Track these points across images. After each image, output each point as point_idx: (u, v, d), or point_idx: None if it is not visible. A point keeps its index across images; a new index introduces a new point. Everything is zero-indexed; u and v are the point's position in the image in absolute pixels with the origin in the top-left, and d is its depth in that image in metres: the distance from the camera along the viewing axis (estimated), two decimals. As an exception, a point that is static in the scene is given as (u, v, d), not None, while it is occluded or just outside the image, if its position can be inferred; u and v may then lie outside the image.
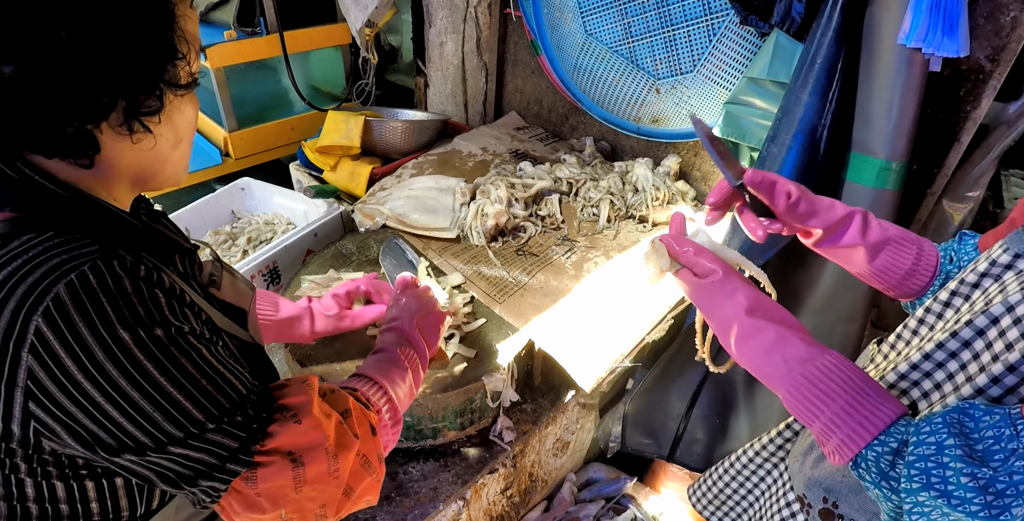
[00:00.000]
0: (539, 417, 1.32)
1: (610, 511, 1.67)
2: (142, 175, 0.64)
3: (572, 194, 1.64)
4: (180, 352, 0.56)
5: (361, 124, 1.78)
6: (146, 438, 0.54)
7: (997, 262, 0.73)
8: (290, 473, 0.60)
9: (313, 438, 0.62)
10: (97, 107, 0.54)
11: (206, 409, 0.57)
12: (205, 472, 0.57)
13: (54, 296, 0.51)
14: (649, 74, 1.57)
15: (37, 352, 0.51)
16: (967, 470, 0.52)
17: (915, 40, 1.09)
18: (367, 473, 0.67)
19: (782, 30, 1.25)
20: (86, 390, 0.52)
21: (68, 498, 0.60)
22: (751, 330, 0.68)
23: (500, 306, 1.31)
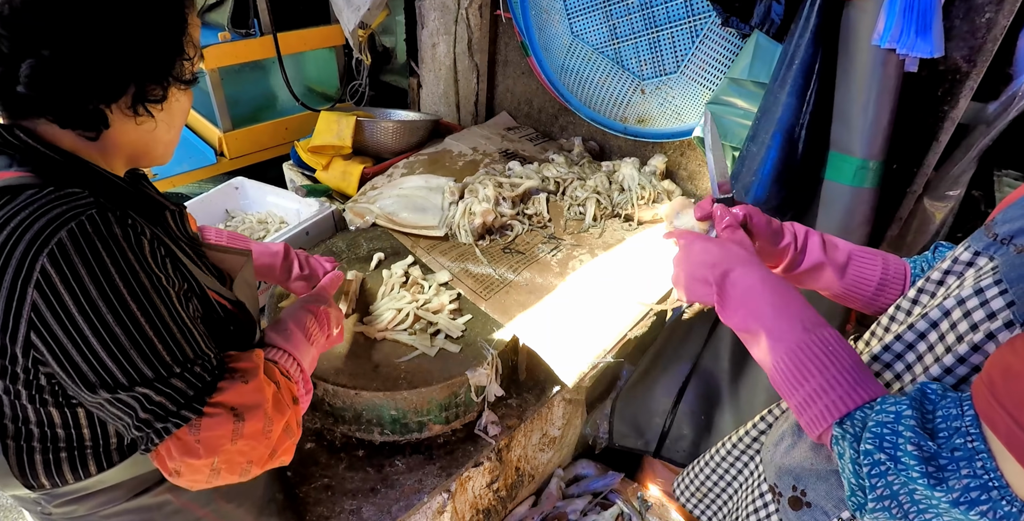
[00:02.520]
0: (524, 412, 1.33)
1: (597, 506, 1.69)
2: (137, 152, 0.74)
3: (559, 193, 1.66)
4: (159, 300, 0.64)
5: (352, 124, 1.80)
6: (121, 375, 0.61)
7: (959, 260, 0.76)
8: (231, 426, 0.66)
9: (256, 399, 0.69)
10: (113, 90, 0.65)
11: (174, 354, 0.64)
12: (162, 415, 0.64)
13: (58, 240, 0.58)
14: (634, 75, 1.59)
15: (41, 289, 0.58)
16: (915, 440, 0.56)
17: (889, 41, 1.11)
18: (288, 437, 0.74)
19: (762, 31, 1.27)
20: (79, 325, 0.59)
21: (63, 423, 0.68)
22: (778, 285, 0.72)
23: (486, 303, 1.33)
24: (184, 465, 0.65)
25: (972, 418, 0.56)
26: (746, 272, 0.75)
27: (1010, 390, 0.53)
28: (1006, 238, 0.70)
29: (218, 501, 0.87)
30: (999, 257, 0.69)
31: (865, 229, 1.30)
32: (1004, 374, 0.55)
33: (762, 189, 1.28)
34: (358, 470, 1.21)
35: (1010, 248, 0.69)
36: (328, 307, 0.97)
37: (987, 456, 0.53)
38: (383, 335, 1.24)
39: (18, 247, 0.59)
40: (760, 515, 0.95)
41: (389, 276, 1.40)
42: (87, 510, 0.77)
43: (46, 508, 0.77)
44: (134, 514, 0.79)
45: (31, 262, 0.58)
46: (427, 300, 1.32)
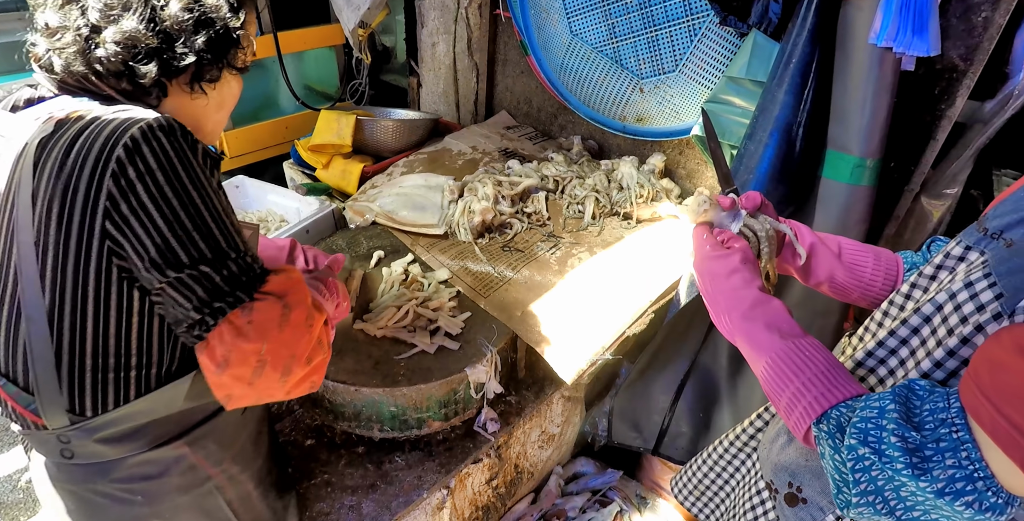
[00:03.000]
0: (523, 409, 1.34)
1: (596, 504, 1.70)
2: (190, 124, 0.80)
3: (559, 192, 1.67)
4: (215, 195, 0.73)
5: (352, 123, 1.81)
6: (184, 255, 0.69)
7: (951, 254, 0.77)
8: (279, 311, 0.73)
9: (301, 291, 0.77)
10: (176, 68, 0.77)
11: (230, 241, 0.73)
12: (220, 293, 0.71)
13: (131, 135, 0.67)
14: (633, 74, 1.60)
15: (116, 177, 0.67)
16: (899, 432, 0.57)
17: (885, 40, 1.12)
18: (321, 351, 0.80)
19: (760, 30, 1.28)
20: (148, 209, 0.68)
21: (116, 333, 0.74)
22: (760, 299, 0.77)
23: (485, 300, 1.34)
24: (235, 351, 0.70)
25: (958, 409, 0.56)
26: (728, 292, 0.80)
27: (995, 382, 0.53)
28: (996, 232, 0.71)
29: (227, 462, 0.90)
30: (989, 251, 0.70)
31: (862, 227, 1.31)
32: (990, 366, 0.55)
33: (759, 187, 1.29)
34: (358, 466, 1.21)
35: (1000, 242, 0.69)
36: (335, 280, 1.04)
37: (972, 446, 0.54)
38: (383, 332, 1.25)
39: (98, 141, 0.68)
40: (757, 512, 0.96)
41: (389, 274, 1.40)
42: (114, 454, 0.80)
43: (75, 447, 0.78)
44: (151, 466, 0.83)
45: (108, 153, 0.67)
46: (427, 298, 1.33)
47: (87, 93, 0.77)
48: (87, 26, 0.73)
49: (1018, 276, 0.62)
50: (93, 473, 0.82)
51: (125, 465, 0.81)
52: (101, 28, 0.73)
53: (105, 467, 0.81)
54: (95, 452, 0.79)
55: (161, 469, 0.83)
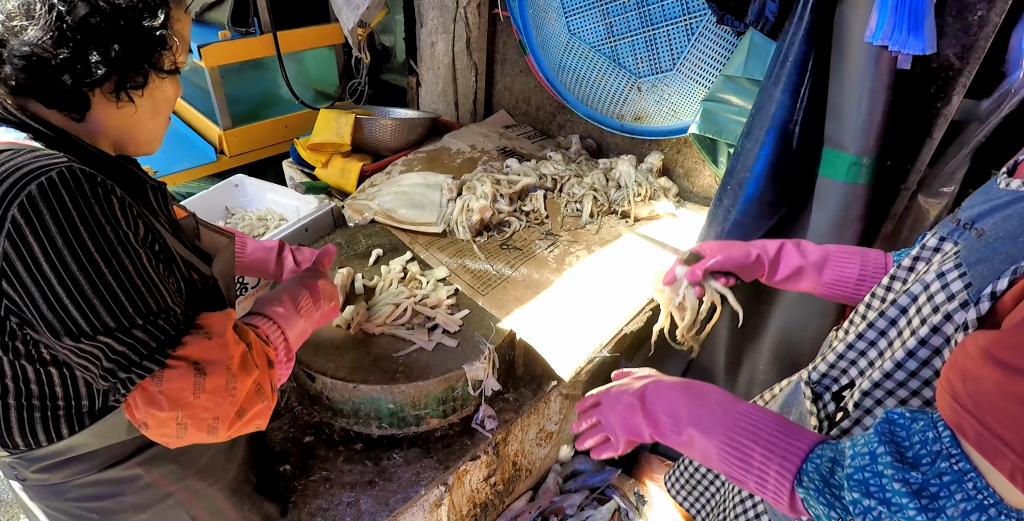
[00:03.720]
0: (521, 406, 1.35)
1: (594, 501, 1.70)
2: (122, 136, 0.78)
3: (557, 190, 1.67)
4: (124, 253, 0.66)
5: (352, 122, 1.81)
6: (84, 323, 0.64)
7: (927, 246, 0.78)
8: (192, 379, 0.68)
9: (218, 355, 0.70)
10: (96, 76, 0.70)
11: (136, 306, 0.66)
12: (125, 365, 0.66)
13: (27, 193, 0.61)
14: (631, 72, 1.61)
15: (12, 238, 0.61)
16: (899, 476, 0.54)
17: (881, 38, 1.12)
18: (260, 399, 0.75)
19: (756, 29, 1.28)
20: (46, 273, 0.62)
21: (36, 380, 0.71)
22: (687, 384, 0.78)
23: (483, 298, 1.34)
24: (150, 416, 0.67)
25: (949, 438, 0.55)
26: (656, 386, 0.79)
27: (970, 393, 0.53)
28: (968, 223, 0.72)
29: (190, 478, 0.88)
30: (962, 241, 0.71)
31: (859, 225, 1.31)
32: (962, 378, 0.55)
33: (755, 185, 1.29)
34: (356, 463, 1.22)
35: (972, 232, 0.70)
36: (324, 281, 0.99)
37: (975, 474, 0.52)
38: (381, 330, 1.25)
39: None
40: (746, 505, 0.96)
41: (387, 272, 1.41)
42: (60, 478, 0.79)
43: (21, 473, 0.79)
44: (105, 486, 0.81)
45: (3, 212, 0.61)
46: (425, 295, 1.34)
47: (5, 122, 0.71)
48: None
49: (984, 265, 0.63)
50: (49, 492, 0.82)
51: (75, 486, 0.81)
52: (5, 42, 0.66)
53: (58, 488, 0.81)
54: (44, 478, 0.79)
55: (114, 489, 0.82)
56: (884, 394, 0.71)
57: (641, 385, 0.80)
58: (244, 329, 0.78)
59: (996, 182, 0.73)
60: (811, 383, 0.85)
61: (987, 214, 0.70)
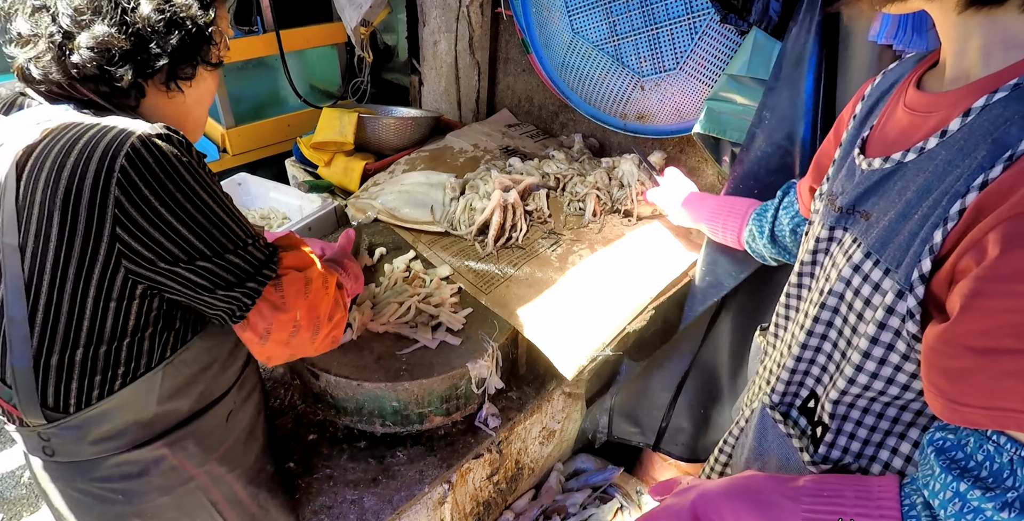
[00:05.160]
0: (524, 405, 1.35)
1: (596, 500, 1.70)
2: (171, 123, 0.83)
3: (559, 189, 1.67)
4: (220, 191, 0.77)
5: (354, 121, 1.82)
6: (207, 248, 0.74)
7: (820, 238, 0.78)
8: (302, 282, 0.84)
9: (309, 260, 0.88)
10: (154, 68, 0.79)
11: (245, 230, 0.79)
12: (246, 277, 0.78)
13: (131, 144, 0.69)
14: (634, 71, 1.61)
15: (122, 185, 0.68)
16: (998, 504, 0.52)
17: (885, 37, 1.12)
18: (340, 310, 0.93)
19: (760, 28, 1.28)
20: (160, 212, 0.71)
21: (111, 333, 0.76)
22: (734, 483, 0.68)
23: (486, 297, 1.34)
24: (275, 322, 0.81)
25: (1009, 442, 0.53)
26: (704, 497, 0.69)
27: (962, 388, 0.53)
28: (849, 208, 0.72)
29: (211, 463, 0.90)
30: (852, 228, 0.70)
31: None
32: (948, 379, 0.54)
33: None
34: (360, 461, 1.22)
35: (857, 216, 0.70)
36: (350, 261, 1.14)
37: None
38: (385, 328, 1.26)
39: (95, 153, 0.68)
40: None
41: (391, 270, 1.41)
42: (90, 454, 0.81)
43: (53, 445, 0.80)
44: (131, 466, 0.84)
45: (110, 164, 0.68)
46: (428, 294, 1.34)
47: (70, 100, 0.78)
48: (60, 33, 0.73)
49: (892, 246, 0.62)
50: (75, 471, 0.83)
51: (104, 465, 0.82)
52: (74, 34, 0.73)
53: (85, 466, 0.82)
54: (74, 451, 0.81)
55: (141, 469, 0.84)
56: (854, 398, 0.71)
57: (691, 502, 0.70)
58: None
59: (856, 164, 0.73)
60: (774, 406, 0.84)
61: (864, 197, 0.70)
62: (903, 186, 0.64)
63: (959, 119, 0.59)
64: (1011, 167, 0.52)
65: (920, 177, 0.62)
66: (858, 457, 0.74)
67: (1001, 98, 0.56)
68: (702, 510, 0.68)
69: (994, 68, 0.58)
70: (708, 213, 1.28)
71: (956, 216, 0.55)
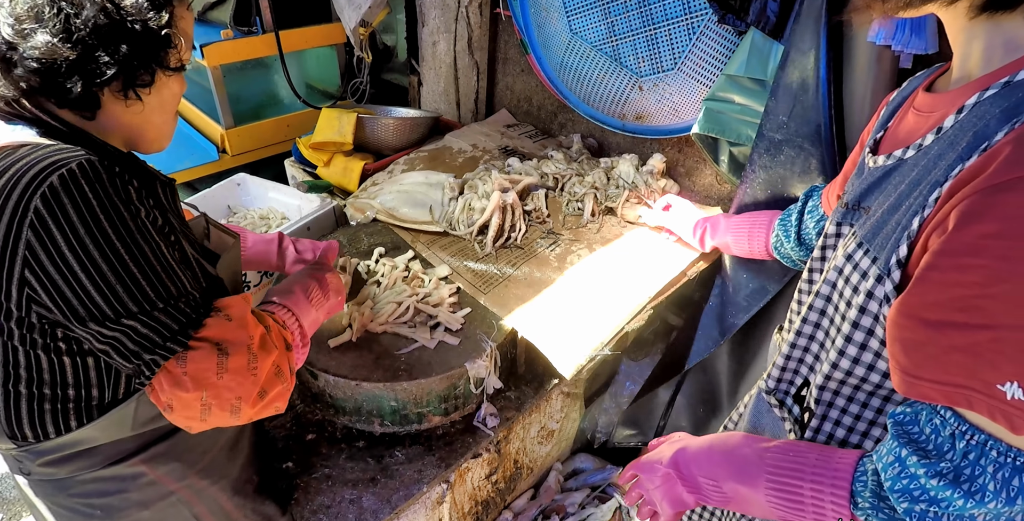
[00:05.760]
0: (523, 404, 1.35)
1: (595, 500, 1.71)
2: (132, 133, 0.81)
3: (558, 189, 1.67)
4: (143, 240, 0.69)
5: (353, 121, 1.82)
6: (108, 308, 0.66)
7: (829, 234, 0.81)
8: (215, 360, 0.71)
9: (239, 336, 0.74)
10: (105, 76, 0.71)
11: (157, 290, 0.69)
12: (149, 347, 0.69)
13: (50, 184, 0.63)
14: (632, 72, 1.61)
15: (35, 227, 0.63)
16: (931, 471, 0.55)
17: (884, 37, 1.13)
18: (279, 381, 0.78)
19: (758, 28, 1.28)
20: (68, 261, 0.65)
21: (49, 370, 0.72)
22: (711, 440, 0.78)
23: (485, 296, 1.35)
24: (175, 398, 0.70)
25: (953, 416, 0.55)
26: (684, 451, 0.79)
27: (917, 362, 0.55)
28: (854, 204, 0.75)
29: (192, 477, 0.88)
30: (855, 223, 0.73)
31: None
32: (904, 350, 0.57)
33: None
34: (358, 461, 1.22)
35: (861, 212, 0.73)
36: (331, 275, 1.04)
37: (993, 440, 0.52)
38: (383, 328, 1.26)
39: (15, 190, 0.64)
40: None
41: (390, 270, 1.41)
42: (65, 473, 0.80)
43: (27, 466, 0.80)
44: (108, 483, 0.82)
45: (26, 203, 0.63)
46: (427, 294, 1.34)
47: (21, 119, 0.73)
48: (2, 44, 0.68)
49: (880, 236, 0.65)
50: (53, 488, 0.83)
51: (79, 481, 0.81)
52: (16, 45, 0.67)
53: (62, 483, 0.82)
54: (47, 471, 0.80)
55: (118, 486, 0.83)
56: (838, 384, 0.73)
57: (671, 454, 0.80)
58: (261, 313, 0.81)
59: (866, 162, 0.76)
60: (770, 391, 0.86)
61: (867, 193, 0.73)
62: (899, 180, 0.67)
63: (953, 116, 0.62)
64: (983, 154, 0.54)
65: (914, 171, 0.64)
66: (842, 445, 0.75)
67: (991, 95, 0.59)
68: (682, 460, 0.78)
69: (993, 68, 0.60)
70: (732, 226, 1.31)
71: (933, 203, 0.58)
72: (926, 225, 0.58)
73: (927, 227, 0.58)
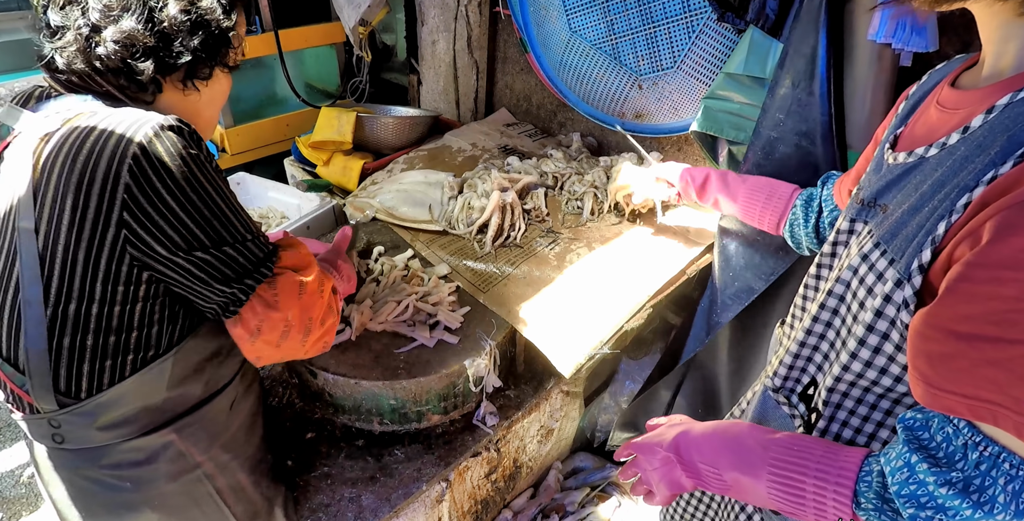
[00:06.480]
0: (522, 403, 1.35)
1: (595, 499, 1.71)
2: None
3: (558, 188, 1.67)
4: (225, 187, 0.79)
5: (353, 120, 1.82)
6: (206, 238, 0.76)
7: (841, 230, 0.79)
8: (297, 282, 0.84)
9: (308, 261, 0.89)
10: (172, 66, 0.82)
11: (246, 226, 0.81)
12: (243, 272, 0.80)
13: (144, 133, 0.72)
14: (631, 70, 1.61)
15: (133, 172, 0.71)
16: (941, 479, 0.54)
17: (884, 36, 1.13)
18: (332, 314, 0.93)
19: (757, 27, 1.28)
20: (167, 201, 0.73)
21: (119, 316, 0.78)
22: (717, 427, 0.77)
23: (484, 295, 1.35)
24: (266, 320, 0.82)
25: (967, 427, 0.54)
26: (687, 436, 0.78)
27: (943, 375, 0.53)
28: (871, 201, 0.73)
29: (216, 450, 0.92)
30: (871, 220, 0.72)
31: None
32: (930, 363, 0.55)
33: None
34: (357, 459, 1.22)
35: (877, 209, 0.72)
36: (345, 262, 1.15)
37: (1008, 453, 0.52)
38: (383, 326, 1.26)
39: (111, 141, 0.71)
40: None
41: (390, 269, 1.41)
42: (102, 440, 0.83)
43: (63, 432, 0.81)
44: (139, 452, 0.85)
45: (124, 150, 0.71)
46: (426, 292, 1.34)
47: (90, 92, 0.81)
48: (87, 26, 0.76)
49: (900, 237, 0.63)
50: (83, 459, 0.84)
51: (114, 451, 0.84)
52: (101, 28, 0.76)
53: (94, 453, 0.83)
54: (84, 437, 0.82)
55: (149, 456, 0.86)
56: (848, 386, 0.72)
57: (673, 437, 0.79)
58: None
59: (884, 159, 0.74)
60: (776, 389, 0.85)
61: (885, 190, 0.71)
62: (920, 180, 0.65)
63: (982, 116, 0.60)
64: (1020, 162, 0.52)
65: (937, 171, 0.62)
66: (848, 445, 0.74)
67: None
68: (683, 445, 0.77)
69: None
70: (747, 188, 1.19)
71: (961, 209, 0.56)
72: (953, 231, 0.56)
73: (954, 233, 0.56)
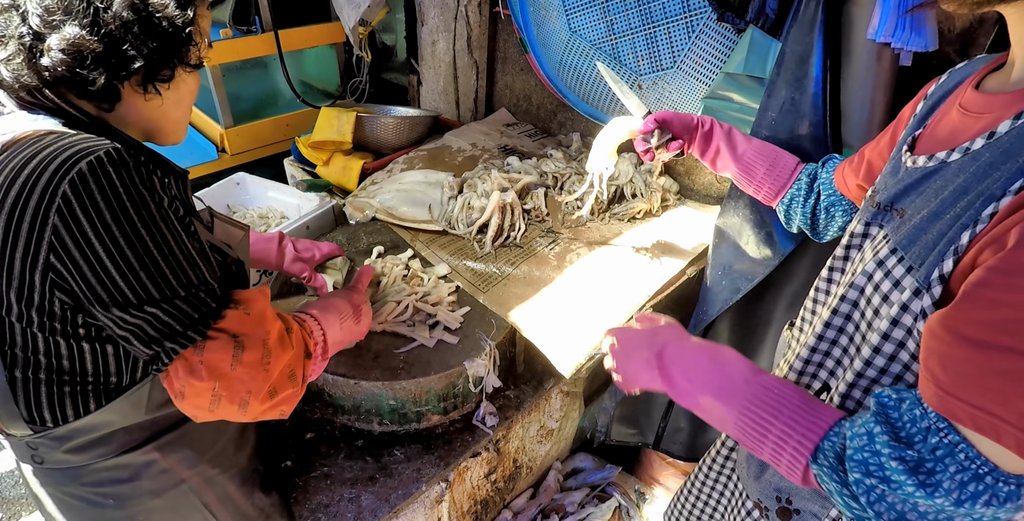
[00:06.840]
0: (522, 403, 1.35)
1: (595, 499, 1.70)
2: (149, 127, 0.83)
3: (557, 188, 1.67)
4: (167, 228, 0.70)
5: (353, 120, 1.82)
6: (131, 294, 0.68)
7: (855, 233, 0.78)
8: (231, 351, 0.73)
9: (256, 330, 0.75)
10: (128, 70, 0.73)
11: (179, 278, 0.70)
12: (169, 335, 0.70)
13: (78, 170, 0.64)
14: (631, 70, 1.61)
15: (62, 213, 0.64)
16: (895, 454, 0.55)
17: (884, 35, 1.12)
18: (291, 384, 0.80)
19: (757, 26, 1.28)
20: (94, 246, 0.65)
21: (68, 356, 0.73)
22: (709, 348, 0.76)
23: (484, 295, 1.35)
24: (188, 386, 0.72)
25: (935, 413, 0.55)
26: (678, 346, 0.77)
27: (952, 378, 0.53)
28: (887, 205, 0.72)
29: (203, 465, 0.90)
30: (887, 225, 0.70)
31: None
32: (941, 364, 0.54)
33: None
34: (357, 459, 1.22)
35: (893, 214, 0.70)
36: (367, 305, 1.07)
37: (966, 445, 0.52)
38: (383, 326, 1.26)
39: (43, 176, 0.65)
40: None
41: (389, 269, 1.41)
42: (80, 461, 0.81)
43: (42, 454, 0.80)
44: (122, 470, 0.83)
45: (54, 188, 0.64)
46: (426, 292, 1.34)
47: (43, 109, 0.74)
48: (29, 34, 0.69)
49: (919, 245, 0.62)
50: (65, 477, 0.83)
51: (93, 470, 0.82)
52: (44, 35, 0.69)
53: (75, 472, 0.82)
54: (62, 458, 0.80)
55: (131, 474, 0.84)
56: (861, 394, 0.71)
57: (661, 341, 0.78)
58: (284, 314, 0.84)
59: (902, 161, 0.73)
60: None
61: (903, 194, 0.70)
62: (941, 185, 0.63)
63: (1009, 122, 0.58)
64: None
65: (960, 177, 0.61)
66: None
67: None
68: (668, 356, 0.76)
69: None
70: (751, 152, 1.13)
71: (987, 219, 0.54)
72: (977, 241, 0.55)
73: (979, 244, 0.55)
